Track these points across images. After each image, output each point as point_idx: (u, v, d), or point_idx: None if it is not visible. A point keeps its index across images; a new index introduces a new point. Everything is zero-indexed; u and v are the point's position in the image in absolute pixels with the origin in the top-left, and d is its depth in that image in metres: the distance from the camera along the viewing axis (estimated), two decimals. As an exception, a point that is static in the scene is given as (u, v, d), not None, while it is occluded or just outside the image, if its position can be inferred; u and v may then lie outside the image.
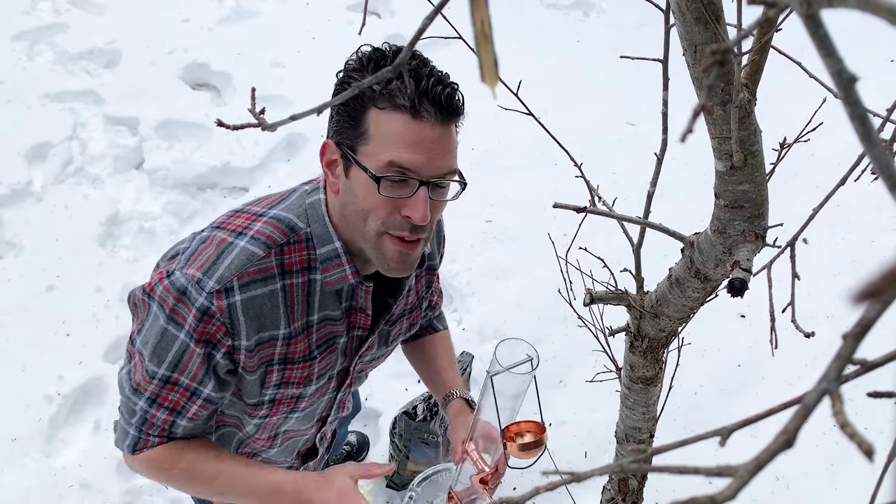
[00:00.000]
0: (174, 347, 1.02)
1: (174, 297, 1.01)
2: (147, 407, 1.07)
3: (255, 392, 1.12)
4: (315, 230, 1.07)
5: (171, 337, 1.02)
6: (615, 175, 3.08)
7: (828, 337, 1.18)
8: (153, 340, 1.03)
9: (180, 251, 1.08)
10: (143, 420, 1.08)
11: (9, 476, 2.10)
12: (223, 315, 1.00)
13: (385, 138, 0.96)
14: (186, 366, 1.03)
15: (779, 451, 0.27)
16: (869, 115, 0.26)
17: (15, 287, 2.58)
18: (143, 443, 1.10)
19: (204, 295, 0.99)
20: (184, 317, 1.01)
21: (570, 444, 2.30)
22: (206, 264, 1.01)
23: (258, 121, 0.44)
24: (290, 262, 1.06)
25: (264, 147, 3.17)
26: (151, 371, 1.05)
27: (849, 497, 2.18)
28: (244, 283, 1.01)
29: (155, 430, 1.09)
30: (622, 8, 4.06)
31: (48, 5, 3.70)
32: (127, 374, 1.09)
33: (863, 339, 0.27)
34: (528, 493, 0.36)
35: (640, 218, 1.04)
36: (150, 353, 1.04)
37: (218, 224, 1.08)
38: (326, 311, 1.11)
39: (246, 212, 1.09)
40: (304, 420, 1.26)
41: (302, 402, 1.19)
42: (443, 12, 0.37)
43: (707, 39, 0.72)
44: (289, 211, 1.08)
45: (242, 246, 1.03)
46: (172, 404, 1.07)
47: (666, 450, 0.35)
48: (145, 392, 1.06)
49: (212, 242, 1.04)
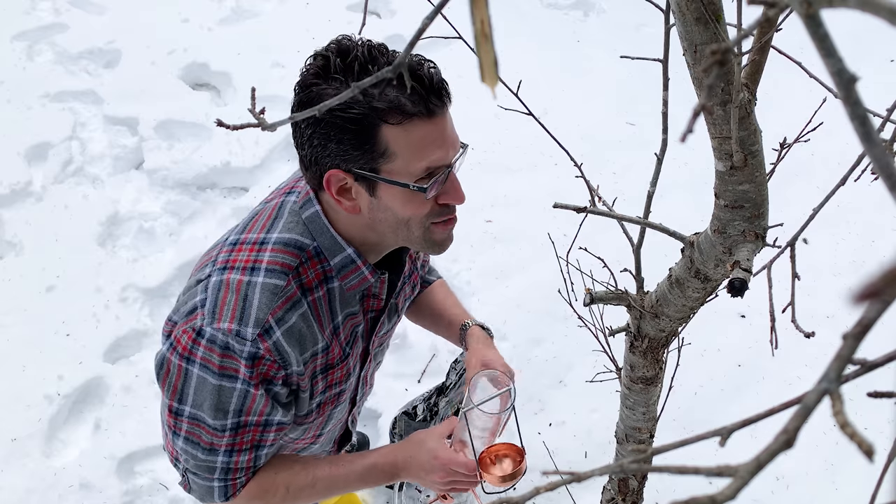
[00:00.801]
0: (234, 398, 1.02)
1: (218, 354, 0.99)
2: (228, 458, 1.07)
3: (306, 405, 1.14)
4: (322, 243, 1.06)
5: (228, 391, 1.02)
6: (615, 175, 3.08)
7: (828, 337, 1.18)
8: (210, 400, 1.02)
9: (198, 304, 1.03)
10: (227, 470, 1.09)
11: (9, 476, 2.10)
12: (272, 354, 1.01)
13: (413, 150, 0.95)
14: (251, 408, 1.04)
15: (779, 451, 0.27)
16: (869, 115, 0.26)
17: (15, 287, 2.58)
18: (233, 488, 1.11)
19: (248, 343, 0.99)
20: (235, 369, 1.00)
21: (570, 444, 2.29)
22: (237, 313, 1.00)
23: (258, 121, 0.43)
24: (308, 280, 1.06)
25: (264, 147, 3.17)
26: (220, 426, 1.04)
27: (849, 497, 2.18)
28: (278, 317, 1.02)
29: (241, 472, 1.10)
30: (622, 8, 4.06)
31: (48, 5, 3.70)
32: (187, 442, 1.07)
33: (863, 339, 0.27)
34: (528, 493, 0.36)
35: (640, 218, 1.03)
36: (211, 413, 1.03)
37: (224, 264, 1.05)
38: (347, 309, 1.13)
39: (245, 242, 1.06)
40: (340, 411, 1.29)
41: (343, 395, 1.22)
42: (443, 12, 0.37)
43: (707, 39, 0.72)
44: (289, 231, 1.06)
45: (263, 282, 1.02)
46: (250, 443, 1.08)
47: (666, 450, 0.35)
48: (221, 447, 1.06)
49: (229, 287, 1.02)
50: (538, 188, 3.00)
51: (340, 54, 0.93)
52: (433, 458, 1.15)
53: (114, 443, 2.19)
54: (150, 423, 2.24)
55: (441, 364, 2.44)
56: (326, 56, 0.94)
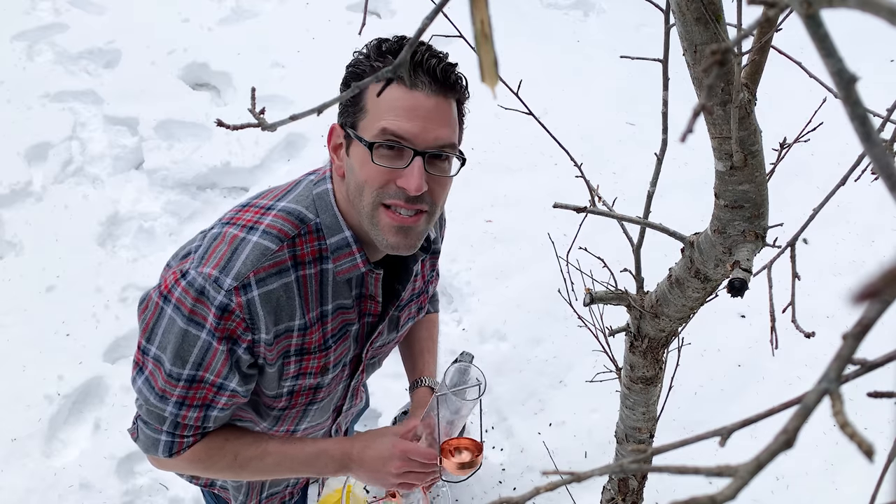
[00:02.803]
0: (196, 347, 1.03)
1: (192, 297, 1.00)
2: (177, 410, 1.07)
3: (274, 384, 1.13)
4: (324, 220, 1.07)
5: (193, 337, 1.02)
6: (615, 175, 3.08)
7: (828, 337, 1.18)
8: (173, 343, 1.03)
9: (192, 250, 1.07)
10: (175, 424, 1.09)
11: (9, 476, 2.10)
12: (242, 311, 1.01)
13: (380, 107, 0.97)
14: (210, 363, 1.04)
15: (779, 451, 0.27)
16: (869, 115, 0.26)
17: (15, 287, 2.58)
18: (178, 445, 1.11)
19: (223, 293, 1.00)
20: (203, 316, 1.01)
21: (570, 444, 2.30)
22: (222, 262, 1.01)
23: (258, 121, 0.43)
24: (303, 253, 1.06)
25: (264, 147, 3.17)
26: (176, 373, 1.04)
27: (849, 497, 2.18)
28: (260, 277, 1.02)
29: (189, 430, 1.10)
30: (622, 8, 4.06)
31: (48, 5, 3.70)
32: (146, 383, 1.08)
33: (863, 339, 0.27)
34: (528, 493, 0.36)
35: (640, 218, 1.03)
36: (171, 357, 1.04)
37: (228, 220, 1.08)
38: (339, 299, 1.12)
39: (254, 206, 1.09)
40: (321, 412, 1.27)
41: (320, 392, 1.20)
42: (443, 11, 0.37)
43: (707, 39, 0.72)
44: (297, 202, 1.08)
45: (255, 241, 1.03)
46: (201, 401, 1.08)
47: (666, 450, 0.35)
48: (172, 396, 1.06)
49: (224, 239, 1.04)
50: (538, 188, 3.00)
51: (382, 41, 1.00)
52: (392, 446, 1.15)
53: (114, 443, 2.19)
54: (150, 423, 2.25)
55: (441, 364, 2.44)
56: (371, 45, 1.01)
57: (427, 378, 1.44)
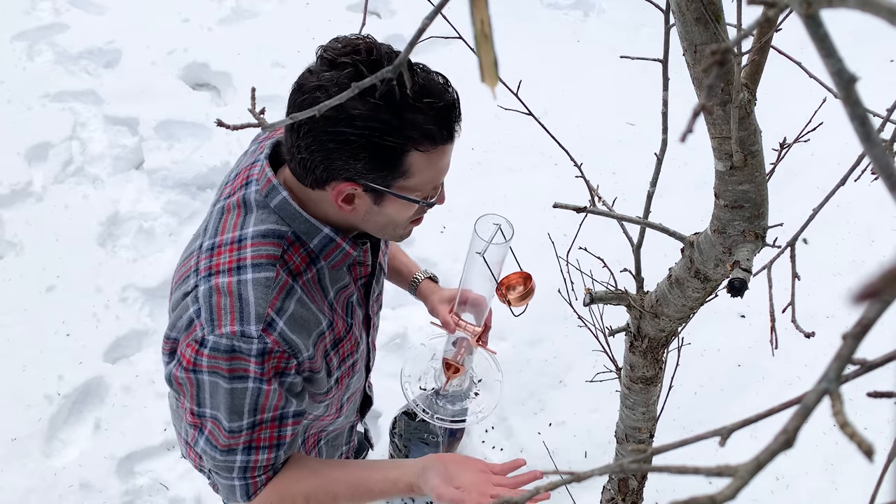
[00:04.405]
0: (247, 397, 1.02)
1: (225, 359, 0.99)
2: (245, 457, 1.08)
3: (325, 383, 1.15)
4: (298, 228, 1.06)
5: (241, 391, 1.02)
6: (615, 175, 3.08)
7: (828, 337, 1.18)
8: (224, 402, 1.03)
9: (193, 317, 1.02)
10: (245, 468, 1.09)
11: (9, 476, 2.10)
12: (280, 345, 1.01)
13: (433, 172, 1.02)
14: (265, 404, 1.04)
15: (779, 451, 0.27)
16: (869, 115, 0.26)
17: (15, 287, 2.58)
18: (253, 486, 1.11)
19: (255, 341, 0.99)
20: (245, 369, 1.00)
21: (570, 444, 2.29)
22: (236, 315, 0.99)
23: (258, 121, 0.44)
24: (295, 265, 1.07)
25: (264, 147, 3.17)
26: (236, 427, 1.05)
27: (849, 497, 2.18)
28: (277, 307, 1.02)
29: (259, 471, 1.11)
30: (622, 8, 4.06)
31: (48, 5, 3.70)
32: (208, 443, 1.08)
33: (863, 339, 0.27)
34: (527, 494, 0.36)
35: (640, 218, 1.03)
36: (227, 415, 1.04)
37: (208, 271, 1.04)
38: (338, 283, 1.15)
39: (222, 244, 1.05)
40: (358, 380, 1.32)
41: (357, 365, 1.25)
42: (443, 12, 0.37)
43: (707, 39, 0.72)
44: (263, 223, 1.05)
45: (253, 278, 1.02)
46: (268, 440, 1.08)
47: (666, 450, 0.35)
48: (238, 446, 1.07)
49: (221, 292, 1.01)
50: (538, 188, 3.00)
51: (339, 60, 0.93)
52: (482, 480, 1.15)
53: (114, 443, 2.19)
54: (149, 422, 2.24)
55: (441, 364, 2.43)
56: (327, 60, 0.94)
57: (419, 274, 1.53)
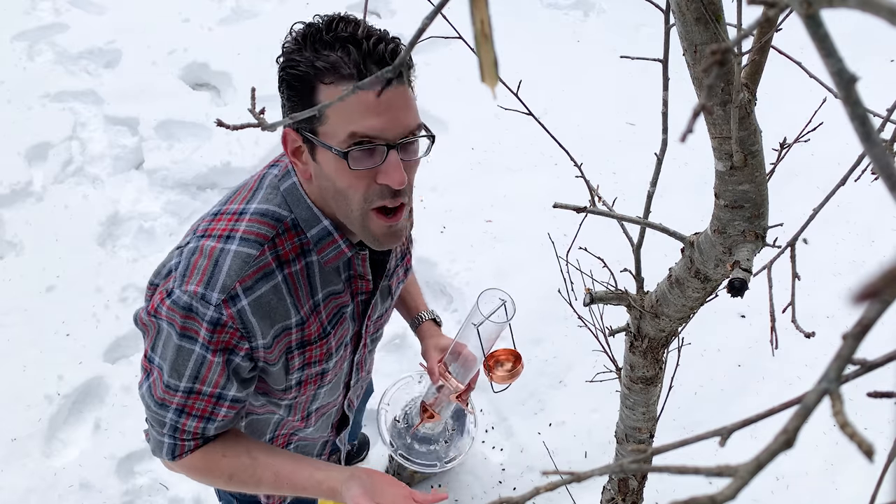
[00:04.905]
0: (191, 361, 1.03)
1: (181, 315, 1.00)
2: (176, 417, 1.08)
3: (282, 379, 1.13)
4: (299, 214, 1.06)
5: (187, 352, 1.02)
6: (615, 175, 3.08)
7: (828, 337, 1.18)
8: (170, 356, 1.03)
9: (172, 267, 1.05)
10: (175, 428, 1.09)
11: (9, 476, 2.10)
12: (235, 322, 1.01)
13: (341, 112, 0.94)
14: (206, 376, 1.04)
15: (779, 451, 0.27)
16: (869, 115, 0.26)
17: (15, 287, 2.58)
18: (180, 448, 1.11)
19: (212, 308, 0.99)
20: (196, 331, 1.01)
21: (570, 444, 2.30)
22: (205, 277, 1.00)
23: (258, 121, 0.44)
24: (285, 251, 1.06)
25: (264, 147, 3.17)
26: (173, 385, 1.05)
27: (849, 497, 2.18)
28: (247, 286, 1.01)
29: (188, 435, 1.10)
30: (622, 8, 4.06)
31: (48, 5, 3.70)
32: (148, 390, 1.09)
33: (863, 339, 0.27)
34: (528, 493, 0.36)
35: (640, 218, 1.03)
36: (168, 369, 1.04)
37: (202, 232, 1.06)
38: (329, 287, 1.12)
39: (225, 213, 1.07)
40: (330, 392, 1.28)
41: (327, 376, 1.21)
42: (443, 12, 0.37)
43: (707, 39, 0.72)
44: (268, 202, 1.07)
45: (235, 250, 1.02)
46: (200, 412, 1.08)
47: (666, 450, 0.35)
48: (171, 404, 1.07)
49: (203, 253, 1.02)
50: (538, 188, 3.00)
51: (309, 26, 0.96)
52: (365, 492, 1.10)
53: (114, 443, 2.19)
54: (150, 423, 2.25)
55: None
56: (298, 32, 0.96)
57: (424, 313, 1.51)
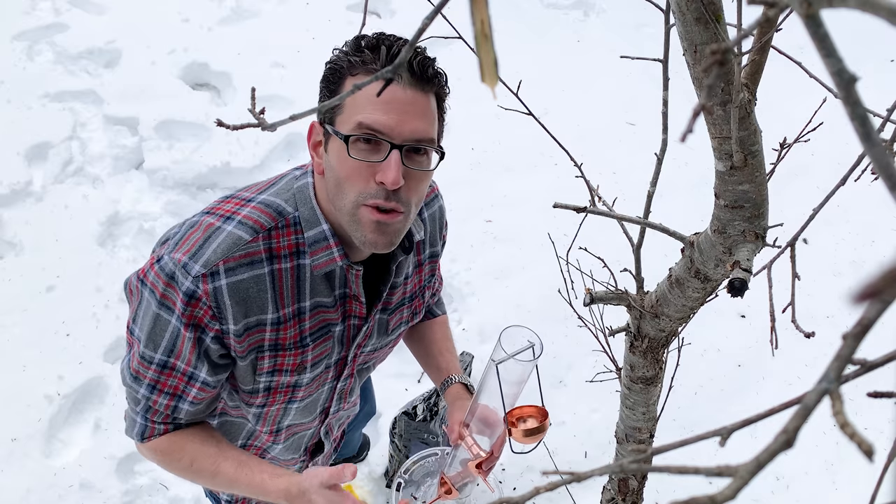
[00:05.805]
0: (167, 332, 1.03)
1: (163, 281, 1.01)
2: (148, 393, 1.08)
3: (249, 379, 1.12)
4: (303, 213, 1.07)
5: (164, 322, 1.03)
6: (615, 175, 3.08)
7: (828, 337, 1.18)
8: (148, 326, 1.04)
9: (170, 236, 1.08)
10: (147, 407, 1.10)
11: (9, 476, 2.10)
12: (209, 299, 1.01)
13: (355, 103, 0.97)
14: (180, 351, 1.04)
15: (779, 451, 0.27)
16: (869, 115, 0.26)
17: (15, 287, 2.58)
18: (150, 430, 1.12)
19: (190, 279, 1.00)
20: (173, 301, 1.02)
21: (570, 444, 2.30)
22: (193, 248, 1.02)
23: (258, 121, 0.43)
24: (279, 246, 1.06)
25: (264, 147, 3.17)
26: (148, 356, 1.06)
27: (849, 497, 2.18)
28: (230, 266, 1.02)
29: (159, 416, 1.10)
30: (622, 8, 4.06)
31: (48, 5, 3.70)
32: (126, 364, 1.10)
33: (863, 339, 0.27)
34: (528, 493, 0.36)
35: (640, 218, 1.03)
36: (145, 339, 1.05)
37: (208, 209, 1.09)
38: (318, 297, 1.11)
39: (236, 197, 1.10)
40: (305, 412, 1.25)
41: (299, 391, 1.18)
42: (443, 12, 0.37)
43: (707, 39, 0.72)
44: (277, 195, 1.09)
45: (230, 230, 1.03)
46: (172, 389, 1.08)
47: (666, 450, 0.35)
48: (145, 378, 1.08)
49: (200, 227, 1.05)
50: (538, 188, 3.00)
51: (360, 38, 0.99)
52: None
53: (114, 443, 2.19)
54: (150, 423, 2.24)
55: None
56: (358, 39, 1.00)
57: (456, 375, 1.41)
